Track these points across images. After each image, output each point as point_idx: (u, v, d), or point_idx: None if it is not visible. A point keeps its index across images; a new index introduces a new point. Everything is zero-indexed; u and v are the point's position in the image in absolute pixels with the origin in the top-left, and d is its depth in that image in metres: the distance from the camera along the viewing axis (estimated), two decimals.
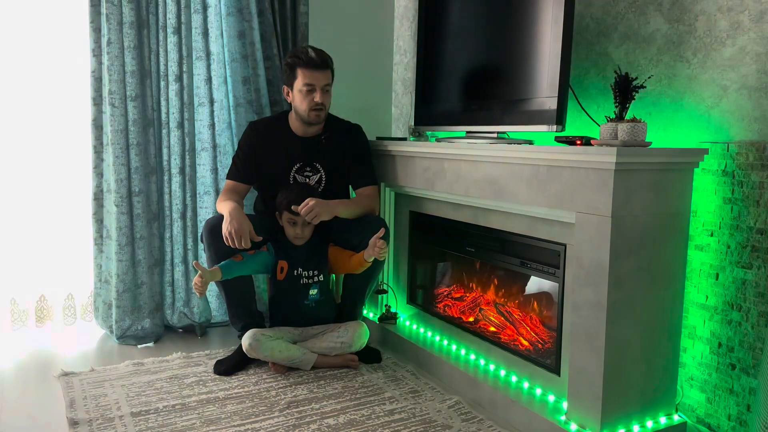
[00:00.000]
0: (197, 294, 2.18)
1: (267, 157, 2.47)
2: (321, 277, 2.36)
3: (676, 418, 1.82)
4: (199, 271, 2.12)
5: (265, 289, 2.78)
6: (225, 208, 2.28)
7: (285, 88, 2.45)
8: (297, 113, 2.43)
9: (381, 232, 2.19)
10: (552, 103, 1.93)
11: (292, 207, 2.26)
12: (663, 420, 1.79)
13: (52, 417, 1.93)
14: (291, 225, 2.32)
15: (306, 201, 2.25)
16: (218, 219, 2.30)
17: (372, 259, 2.25)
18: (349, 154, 2.53)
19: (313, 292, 2.34)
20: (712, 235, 1.82)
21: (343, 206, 2.38)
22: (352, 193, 2.58)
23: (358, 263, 2.30)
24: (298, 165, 2.47)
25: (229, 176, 2.49)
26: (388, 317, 2.66)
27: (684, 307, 1.85)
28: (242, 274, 2.30)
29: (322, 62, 2.35)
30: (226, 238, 2.19)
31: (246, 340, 2.24)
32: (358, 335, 2.33)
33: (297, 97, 2.39)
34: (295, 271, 2.33)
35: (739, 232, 1.75)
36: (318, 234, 2.38)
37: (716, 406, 1.83)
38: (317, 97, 2.35)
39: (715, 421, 1.83)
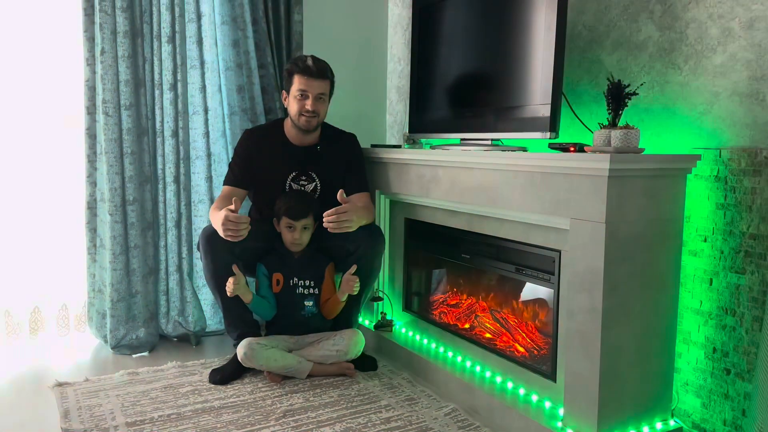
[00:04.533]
0: (228, 291, 2.21)
1: (263, 164, 2.47)
2: (316, 291, 2.37)
3: (671, 423, 1.82)
4: (237, 275, 2.17)
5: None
6: (216, 214, 2.28)
7: (283, 93, 2.47)
8: (291, 119, 2.45)
9: (353, 269, 2.27)
10: (545, 111, 1.94)
11: (325, 223, 2.26)
12: (659, 425, 1.80)
13: (47, 428, 1.92)
14: (289, 230, 2.32)
15: (339, 210, 2.23)
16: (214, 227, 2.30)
17: (345, 297, 2.31)
18: (344, 163, 2.54)
19: (308, 303, 2.35)
20: (705, 240, 1.83)
21: (364, 212, 2.39)
22: None
23: (334, 306, 2.34)
24: (294, 173, 2.48)
25: (226, 182, 2.49)
26: (384, 325, 2.66)
27: (678, 312, 1.86)
28: (262, 308, 2.31)
29: (318, 71, 2.37)
30: (223, 225, 2.15)
31: (241, 349, 2.23)
32: (354, 343, 2.33)
33: (292, 102, 2.41)
34: (291, 281, 2.33)
35: (732, 237, 1.76)
36: (315, 241, 2.39)
37: (711, 411, 1.83)
38: (308, 105, 2.37)
39: (711, 426, 1.83)
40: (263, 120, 2.81)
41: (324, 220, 2.25)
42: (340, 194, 2.28)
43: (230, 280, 2.18)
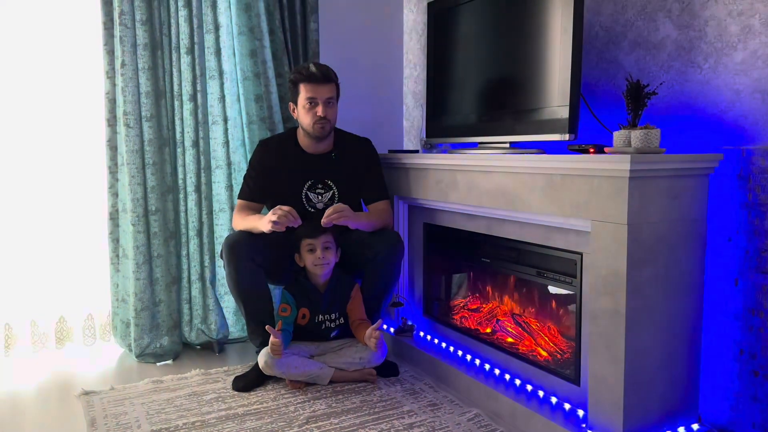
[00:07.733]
0: (275, 354, 2.19)
1: (278, 175, 2.48)
2: (342, 320, 2.37)
3: (699, 426, 1.79)
4: (275, 337, 2.15)
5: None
6: (248, 219, 2.33)
7: (291, 105, 2.48)
8: (303, 129, 2.46)
9: (378, 323, 2.22)
10: (564, 112, 1.93)
11: (323, 220, 2.24)
12: (686, 429, 1.77)
13: None
14: (310, 252, 2.29)
15: (332, 208, 2.27)
16: (237, 235, 2.31)
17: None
18: (361, 169, 2.54)
19: (333, 334, 2.37)
20: (730, 240, 1.80)
21: (365, 218, 2.40)
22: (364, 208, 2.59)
23: (361, 335, 2.30)
24: (309, 182, 2.49)
25: (241, 196, 2.51)
26: (405, 330, 2.66)
27: (703, 313, 1.83)
28: (285, 342, 2.26)
29: (323, 76, 2.38)
30: (274, 222, 2.18)
31: (262, 358, 2.24)
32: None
33: (301, 112, 2.42)
34: (317, 318, 2.34)
35: (758, 236, 1.73)
36: (341, 265, 2.38)
37: (740, 414, 1.80)
38: (319, 111, 2.38)
39: (740, 429, 1.80)
40: (281, 128, 2.83)
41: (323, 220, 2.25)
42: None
43: (273, 342, 2.16)
